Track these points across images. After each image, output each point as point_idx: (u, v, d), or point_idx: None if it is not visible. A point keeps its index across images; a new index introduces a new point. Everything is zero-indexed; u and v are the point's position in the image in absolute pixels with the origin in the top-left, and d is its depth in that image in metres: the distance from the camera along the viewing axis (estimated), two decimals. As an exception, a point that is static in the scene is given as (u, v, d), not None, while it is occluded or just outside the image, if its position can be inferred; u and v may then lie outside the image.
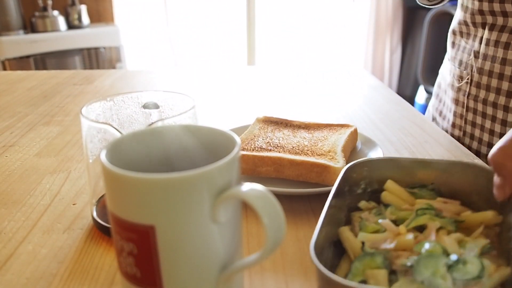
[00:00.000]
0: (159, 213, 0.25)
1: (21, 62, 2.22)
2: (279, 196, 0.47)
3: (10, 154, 0.59)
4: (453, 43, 0.69)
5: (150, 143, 0.31)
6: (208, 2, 2.85)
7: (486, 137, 0.62)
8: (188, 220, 0.25)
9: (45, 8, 2.31)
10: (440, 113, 0.74)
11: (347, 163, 0.48)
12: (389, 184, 0.37)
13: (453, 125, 0.69)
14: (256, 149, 0.50)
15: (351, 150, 0.54)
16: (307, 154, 0.48)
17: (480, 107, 0.61)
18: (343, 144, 0.50)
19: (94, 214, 0.41)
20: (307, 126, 0.57)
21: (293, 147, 0.50)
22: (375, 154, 0.52)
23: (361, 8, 2.68)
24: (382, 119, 0.72)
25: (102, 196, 0.42)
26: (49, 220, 0.43)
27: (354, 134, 0.55)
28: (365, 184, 0.38)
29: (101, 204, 0.41)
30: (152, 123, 0.34)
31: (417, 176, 0.38)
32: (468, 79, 0.62)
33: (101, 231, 0.40)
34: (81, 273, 0.35)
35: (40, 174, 0.53)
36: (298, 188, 0.45)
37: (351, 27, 2.77)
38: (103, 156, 0.26)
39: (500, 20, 0.57)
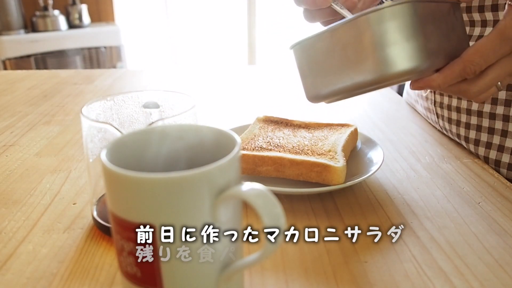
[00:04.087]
0: (159, 212, 0.25)
1: (22, 62, 2.22)
2: (279, 195, 0.47)
3: (10, 153, 0.59)
4: None
5: (150, 142, 0.31)
6: (208, 1, 2.86)
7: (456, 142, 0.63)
8: (188, 220, 0.25)
9: (45, 8, 2.32)
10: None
11: (347, 162, 0.48)
12: None
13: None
14: (257, 148, 0.50)
15: (351, 150, 0.54)
16: (308, 153, 0.48)
17: (446, 113, 0.61)
18: (343, 144, 0.50)
19: (95, 213, 0.41)
20: (307, 126, 0.57)
21: (294, 147, 0.50)
22: (376, 153, 0.52)
23: (362, 8, 2.68)
24: (382, 118, 0.72)
25: (103, 195, 0.42)
26: (49, 220, 0.43)
27: (354, 134, 0.55)
28: None
29: (101, 204, 0.41)
30: (153, 122, 0.34)
31: None
32: None
33: (101, 230, 0.40)
34: (82, 272, 0.35)
35: (40, 173, 0.53)
36: (298, 187, 0.45)
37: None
38: (103, 156, 0.26)
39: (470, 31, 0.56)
